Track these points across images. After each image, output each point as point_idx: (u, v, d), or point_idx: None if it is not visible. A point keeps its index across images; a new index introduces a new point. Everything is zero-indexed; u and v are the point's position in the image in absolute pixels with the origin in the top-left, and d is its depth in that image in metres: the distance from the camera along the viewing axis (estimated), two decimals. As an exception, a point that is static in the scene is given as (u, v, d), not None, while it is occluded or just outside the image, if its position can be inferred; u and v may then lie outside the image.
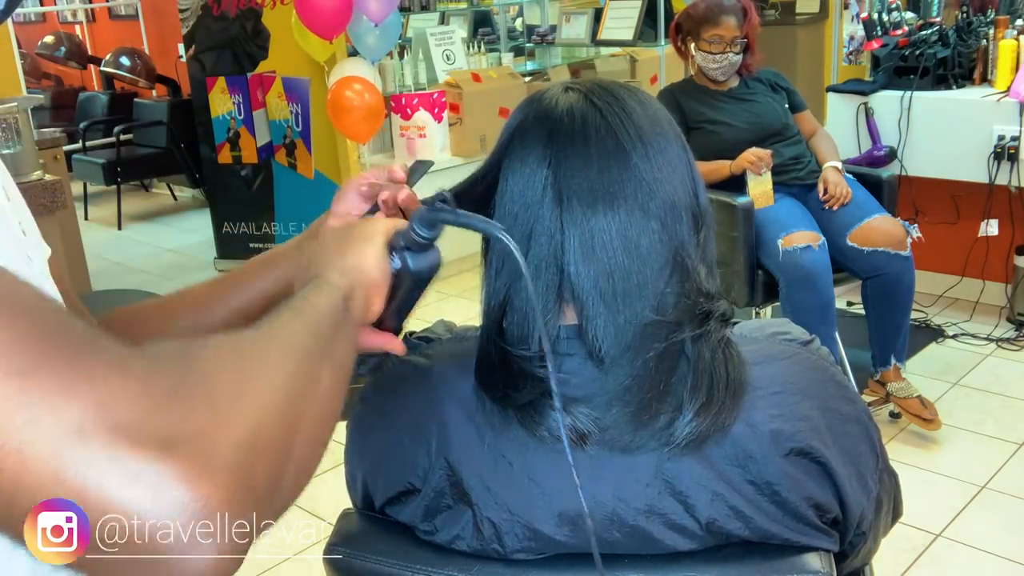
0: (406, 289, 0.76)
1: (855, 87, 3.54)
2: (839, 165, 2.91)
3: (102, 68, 6.28)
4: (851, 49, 3.80)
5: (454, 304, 3.76)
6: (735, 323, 0.90)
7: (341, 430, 1.01)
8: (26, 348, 0.42)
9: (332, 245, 0.73)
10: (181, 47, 5.11)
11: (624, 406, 0.80)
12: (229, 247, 4.81)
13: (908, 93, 3.32)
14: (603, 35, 4.68)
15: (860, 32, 3.68)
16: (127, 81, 6.23)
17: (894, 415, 2.87)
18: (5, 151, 2.79)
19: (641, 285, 0.81)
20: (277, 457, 0.47)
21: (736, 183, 2.79)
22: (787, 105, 2.98)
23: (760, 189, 2.75)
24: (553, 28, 5.19)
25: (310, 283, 0.67)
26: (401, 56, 4.74)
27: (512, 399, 0.83)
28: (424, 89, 4.58)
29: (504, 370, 0.83)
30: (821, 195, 2.83)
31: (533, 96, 0.89)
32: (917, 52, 3.37)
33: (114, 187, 5.94)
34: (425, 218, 0.73)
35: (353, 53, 3.97)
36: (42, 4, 7.55)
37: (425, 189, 0.80)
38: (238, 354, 0.51)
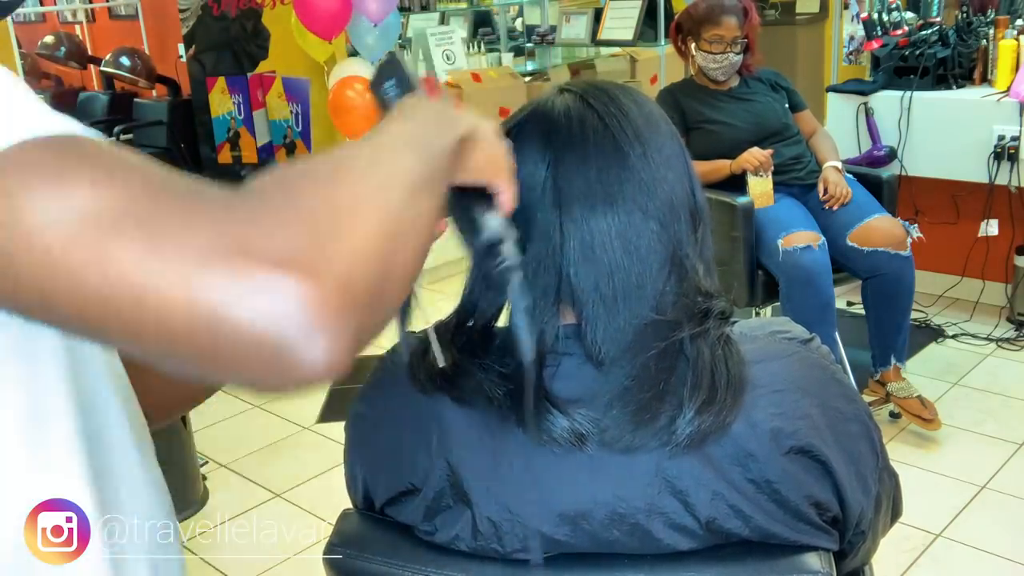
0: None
1: (855, 87, 3.54)
2: (839, 165, 2.91)
3: (102, 68, 6.27)
4: (851, 49, 3.80)
5: (453, 304, 3.76)
6: (734, 322, 0.90)
7: (341, 430, 1.01)
8: (142, 199, 0.47)
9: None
10: (181, 47, 5.11)
11: (624, 406, 0.80)
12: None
13: (908, 93, 3.32)
14: (603, 35, 4.68)
15: (860, 32, 3.68)
16: (127, 81, 6.22)
17: (894, 415, 2.86)
18: (5, 151, 2.78)
19: (640, 285, 0.81)
20: (377, 275, 0.50)
21: (736, 183, 2.79)
22: (787, 105, 2.99)
23: (760, 189, 2.75)
24: (553, 28, 5.19)
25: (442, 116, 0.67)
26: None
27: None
28: (424, 89, 4.57)
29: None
30: (821, 195, 2.83)
31: (530, 102, 0.90)
32: (917, 52, 3.37)
33: (114, 187, 5.92)
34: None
35: (353, 53, 3.97)
36: (42, 4, 7.55)
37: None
38: (338, 182, 0.54)
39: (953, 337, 3.44)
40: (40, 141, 0.49)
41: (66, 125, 0.52)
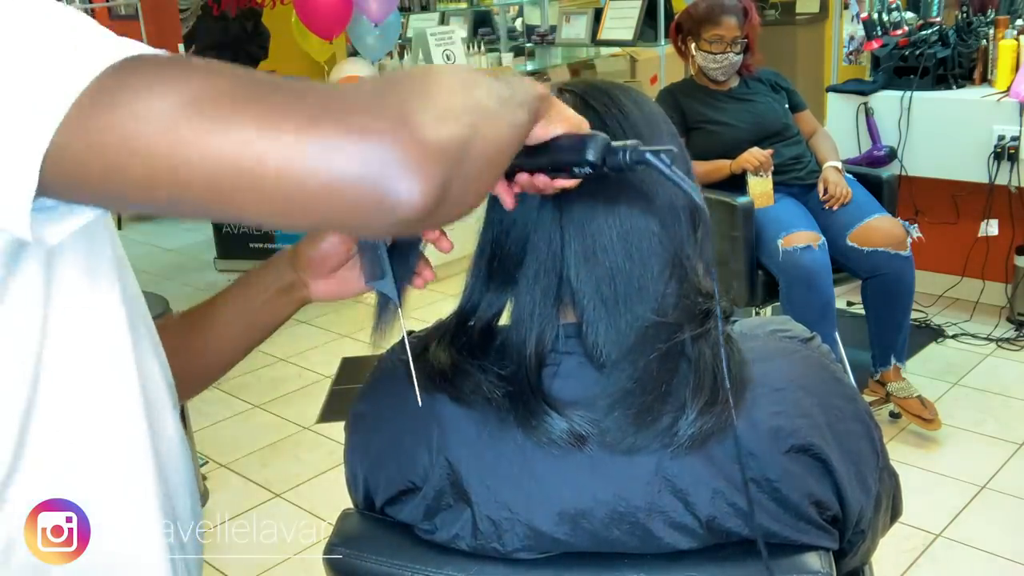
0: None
1: (855, 87, 3.54)
2: (839, 165, 2.91)
3: (102, 68, 6.28)
4: (851, 49, 3.80)
5: (453, 304, 3.76)
6: (734, 321, 0.90)
7: (341, 430, 1.01)
8: (249, 85, 0.53)
9: None
10: (181, 47, 5.10)
11: (626, 408, 0.80)
12: (229, 247, 4.81)
13: (908, 93, 3.31)
14: (603, 35, 4.68)
15: (860, 32, 3.68)
16: (127, 81, 6.22)
17: (894, 415, 2.87)
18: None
19: (642, 288, 0.81)
20: (462, 137, 0.55)
21: (736, 183, 2.79)
22: (787, 105, 2.99)
23: (760, 189, 2.75)
24: (553, 28, 5.19)
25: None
26: (401, 56, 4.74)
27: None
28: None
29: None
30: (821, 195, 2.83)
31: None
32: (917, 52, 3.37)
33: (114, 187, 5.93)
34: (638, 153, 0.70)
35: (353, 53, 3.98)
36: (42, 4, 7.55)
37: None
38: (427, 76, 0.59)
39: (953, 337, 3.44)
40: (142, 58, 0.53)
41: (139, 46, 0.56)
